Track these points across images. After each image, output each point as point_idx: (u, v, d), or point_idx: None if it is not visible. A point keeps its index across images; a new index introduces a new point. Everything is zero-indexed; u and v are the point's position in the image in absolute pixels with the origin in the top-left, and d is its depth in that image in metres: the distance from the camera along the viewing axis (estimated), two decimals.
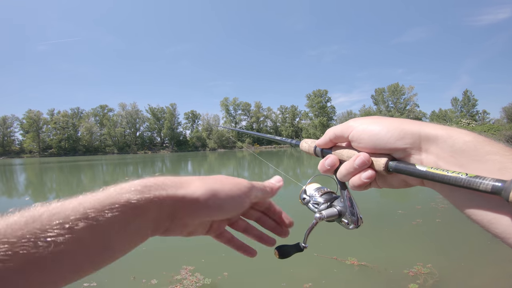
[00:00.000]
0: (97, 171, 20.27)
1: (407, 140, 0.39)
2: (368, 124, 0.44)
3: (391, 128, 0.41)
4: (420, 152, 0.39)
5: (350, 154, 0.46)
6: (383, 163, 0.41)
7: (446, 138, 0.36)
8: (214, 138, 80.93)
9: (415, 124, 0.41)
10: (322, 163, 0.50)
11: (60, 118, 75.10)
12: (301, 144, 0.61)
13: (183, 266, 3.20)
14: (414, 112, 68.10)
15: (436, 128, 0.38)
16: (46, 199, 4.62)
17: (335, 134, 0.48)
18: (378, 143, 0.42)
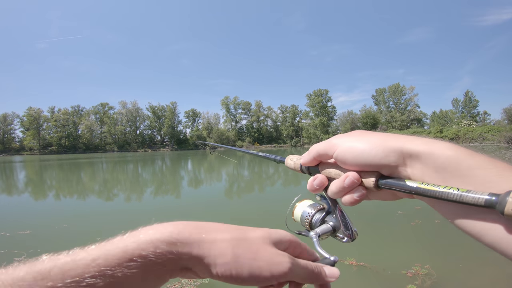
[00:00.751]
0: (97, 169, 20.29)
1: (392, 157, 0.39)
2: (351, 142, 0.44)
3: (375, 145, 0.41)
4: (406, 168, 0.39)
5: (338, 172, 0.46)
6: (373, 181, 0.41)
7: (428, 155, 0.36)
8: (214, 137, 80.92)
9: (397, 139, 0.40)
10: (311, 183, 0.49)
11: (61, 115, 75.11)
12: (286, 161, 0.60)
13: None
14: (415, 113, 68.05)
15: (418, 143, 0.38)
16: (46, 197, 4.68)
17: (319, 153, 0.48)
18: (364, 161, 0.41)
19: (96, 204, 7.62)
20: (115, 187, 10.93)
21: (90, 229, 4.85)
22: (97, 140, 80.00)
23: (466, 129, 45.89)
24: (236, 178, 12.64)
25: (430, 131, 51.39)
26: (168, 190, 9.89)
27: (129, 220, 5.64)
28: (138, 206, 7.21)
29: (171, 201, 7.76)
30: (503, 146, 15.92)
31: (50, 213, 6.44)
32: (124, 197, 8.70)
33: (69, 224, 5.22)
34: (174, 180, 12.94)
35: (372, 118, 67.19)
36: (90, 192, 9.68)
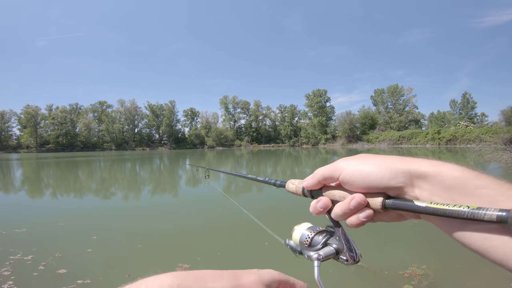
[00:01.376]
0: (95, 167, 20.21)
1: (399, 178, 0.40)
2: (357, 165, 0.44)
3: (382, 168, 0.41)
4: (413, 189, 0.39)
5: (342, 194, 0.46)
6: (380, 202, 0.41)
7: (435, 175, 0.37)
8: (212, 136, 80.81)
9: (403, 161, 0.41)
10: (314, 206, 0.48)
11: (58, 113, 74.77)
12: (287, 185, 0.59)
13: (178, 264, 3.19)
14: (413, 114, 68.27)
15: (424, 164, 0.39)
16: (42, 195, 4.65)
17: (324, 176, 0.48)
18: (371, 184, 0.42)
19: (93, 202, 7.58)
20: (112, 185, 10.89)
21: (87, 228, 4.82)
22: (94, 138, 79.70)
23: (463, 131, 46.09)
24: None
25: (428, 132, 51.56)
26: (165, 189, 9.86)
27: (127, 219, 5.62)
28: (136, 204, 7.18)
29: (169, 200, 7.73)
30: (500, 148, 15.99)
31: (46, 212, 6.39)
32: (122, 195, 8.66)
33: (65, 222, 5.18)
34: (172, 179, 12.91)
35: (371, 118, 67.25)
36: (87, 190, 9.64)
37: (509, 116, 43.72)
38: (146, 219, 5.50)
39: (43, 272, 3.09)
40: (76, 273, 3.06)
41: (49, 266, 3.22)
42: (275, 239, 3.87)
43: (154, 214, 5.94)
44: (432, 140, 48.70)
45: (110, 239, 4.29)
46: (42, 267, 3.19)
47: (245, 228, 4.69)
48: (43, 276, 3.00)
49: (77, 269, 3.17)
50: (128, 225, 5.09)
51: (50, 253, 3.57)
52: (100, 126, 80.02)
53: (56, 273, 3.06)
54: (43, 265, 3.25)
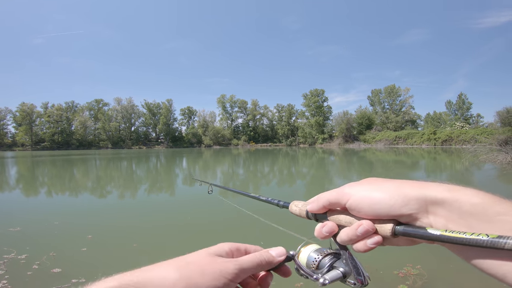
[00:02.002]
0: (90, 165, 20.08)
1: (412, 205, 0.38)
2: (367, 191, 0.42)
3: (393, 194, 0.39)
4: (427, 215, 0.38)
5: (349, 220, 0.44)
6: (389, 229, 0.39)
7: (452, 202, 0.36)
8: (209, 135, 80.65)
9: (417, 187, 0.39)
10: (319, 230, 0.47)
11: (54, 111, 74.11)
12: (290, 206, 0.57)
13: None
14: (409, 114, 68.64)
15: (441, 190, 0.37)
16: (37, 194, 4.61)
17: (330, 202, 0.46)
18: (380, 211, 0.40)
19: (89, 201, 7.53)
20: (108, 184, 10.83)
21: (82, 227, 4.79)
22: (90, 136, 79.15)
23: (459, 131, 46.46)
24: (231, 177, 12.62)
25: (424, 132, 51.91)
26: (162, 187, 9.83)
27: (122, 218, 5.59)
28: (132, 203, 7.15)
29: (165, 199, 7.71)
30: (495, 149, 16.14)
31: (41, 210, 6.34)
32: (117, 194, 8.61)
33: (60, 221, 5.14)
34: (169, 177, 12.87)
35: (367, 118, 67.53)
36: (82, 189, 9.58)
37: (504, 117, 44.17)
38: (142, 218, 5.48)
39: (37, 271, 3.06)
40: (70, 272, 3.04)
41: (43, 265, 3.20)
42: (270, 238, 3.88)
43: (150, 213, 5.92)
44: (428, 140, 49.02)
45: (106, 238, 4.26)
46: (36, 266, 3.17)
47: (241, 227, 4.69)
48: (37, 275, 2.98)
49: (72, 268, 3.15)
50: (124, 224, 5.06)
51: (45, 252, 3.55)
52: (96, 124, 79.47)
53: (51, 272, 3.03)
54: (37, 264, 3.22)
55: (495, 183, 9.09)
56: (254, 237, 4.11)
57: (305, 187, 9.50)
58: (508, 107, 45.26)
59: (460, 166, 14.45)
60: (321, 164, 18.62)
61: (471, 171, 12.48)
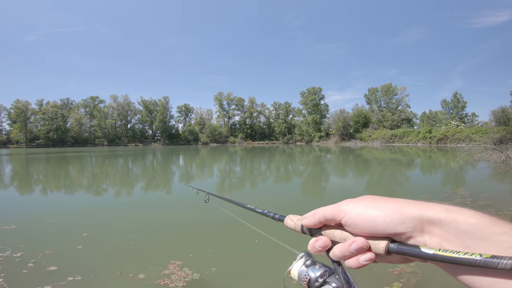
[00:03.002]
0: (86, 163, 19.95)
1: (408, 224, 0.38)
2: (363, 208, 0.42)
3: (390, 212, 0.40)
4: (422, 234, 0.38)
5: (343, 236, 0.44)
6: (383, 247, 0.39)
7: (449, 222, 0.36)
8: (206, 132, 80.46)
9: (414, 206, 0.39)
10: (313, 245, 0.47)
11: (49, 108, 73.31)
12: (285, 220, 0.58)
13: (171, 261, 3.19)
14: (405, 113, 68.96)
15: (438, 210, 0.37)
16: (32, 191, 4.59)
17: (325, 217, 0.46)
18: (376, 229, 0.40)
19: (84, 199, 7.50)
20: (104, 181, 10.77)
21: (77, 224, 4.77)
22: (86, 133, 78.49)
23: (454, 130, 46.82)
24: (228, 174, 12.62)
25: (420, 131, 52.25)
26: (158, 185, 9.80)
27: (118, 216, 5.57)
28: (127, 201, 7.13)
29: (162, 197, 7.70)
30: (489, 147, 16.31)
31: (36, 208, 6.30)
32: (113, 192, 8.58)
33: (55, 219, 5.12)
34: (165, 175, 12.84)
35: (364, 117, 67.74)
36: (78, 186, 9.52)
37: (499, 116, 44.61)
38: (138, 216, 5.47)
39: (33, 269, 3.05)
40: (66, 270, 3.03)
41: (38, 263, 3.19)
42: (264, 237, 3.90)
43: (146, 211, 5.91)
44: (423, 139, 49.34)
45: (101, 235, 4.25)
46: (31, 264, 3.15)
47: (236, 226, 4.70)
48: (32, 273, 2.97)
49: (67, 266, 3.15)
50: (120, 222, 5.05)
51: (40, 250, 3.53)
52: (92, 122, 78.82)
53: (46, 270, 3.03)
54: (32, 262, 3.21)
55: (489, 182, 9.20)
56: (248, 247, 4.12)
57: (301, 185, 9.54)
58: (503, 106, 45.80)
59: (455, 164, 14.59)
60: (317, 162, 18.68)
61: (466, 170, 12.62)
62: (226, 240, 4.07)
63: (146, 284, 2.74)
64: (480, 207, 5.37)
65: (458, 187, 7.64)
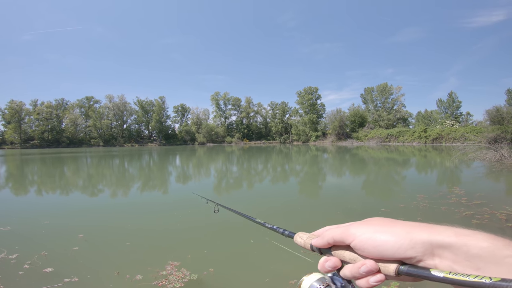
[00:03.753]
0: (81, 163, 19.80)
1: (418, 249, 0.39)
2: (372, 233, 0.43)
3: (399, 237, 0.40)
4: (433, 258, 0.38)
5: (353, 257, 0.45)
6: (393, 270, 0.40)
7: (460, 246, 0.36)
8: (203, 132, 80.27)
9: (424, 230, 0.40)
10: (323, 264, 0.48)
11: (44, 109, 72.59)
12: (295, 237, 0.59)
13: (168, 262, 3.18)
14: (401, 112, 69.46)
15: (448, 234, 0.38)
16: (27, 192, 4.54)
17: (334, 240, 0.47)
18: (385, 254, 0.41)
19: (80, 199, 7.44)
20: (100, 182, 10.70)
21: (73, 226, 4.74)
22: (81, 134, 77.84)
23: (449, 129, 47.25)
24: (225, 174, 12.61)
25: (415, 130, 52.65)
26: (155, 185, 9.76)
27: (114, 217, 5.54)
28: (124, 202, 7.09)
29: (159, 197, 7.67)
30: (484, 147, 16.50)
31: (31, 209, 6.24)
32: (109, 192, 8.53)
33: (50, 220, 5.08)
34: (162, 175, 12.79)
35: (360, 116, 68.06)
36: (73, 187, 9.45)
37: (493, 115, 45.06)
38: (134, 217, 5.44)
39: (29, 271, 3.03)
40: (63, 271, 3.01)
41: (34, 265, 3.16)
42: (260, 237, 3.90)
43: (143, 212, 5.89)
44: (419, 138, 49.74)
45: (97, 237, 4.23)
46: (27, 266, 3.13)
47: (232, 227, 4.70)
48: (29, 275, 2.94)
49: (64, 267, 3.12)
50: (116, 223, 5.03)
51: (36, 252, 3.50)
52: (87, 122, 78.20)
53: (43, 271, 3.00)
54: (28, 263, 3.18)
55: (483, 181, 9.30)
56: (245, 247, 4.12)
57: (299, 185, 9.56)
58: (497, 106, 46.27)
59: (450, 163, 14.72)
60: (314, 162, 18.74)
61: (461, 169, 12.74)
62: (223, 241, 4.06)
63: (144, 285, 2.73)
64: (475, 206, 5.44)
65: (454, 186, 7.71)
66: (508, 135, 37.74)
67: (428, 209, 5.29)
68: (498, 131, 37.91)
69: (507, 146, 16.94)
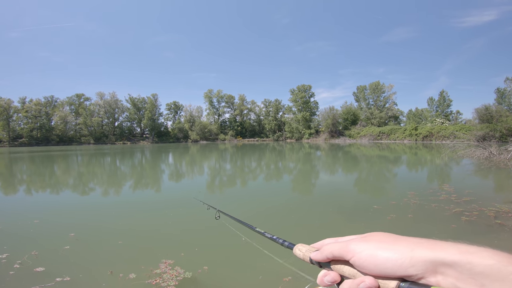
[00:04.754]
0: (72, 161, 19.49)
1: (419, 267, 0.38)
2: (372, 250, 0.42)
3: (401, 256, 0.39)
4: (435, 275, 0.38)
5: (352, 273, 0.44)
6: (392, 287, 0.39)
7: (464, 264, 0.35)
8: (196, 130, 79.85)
9: (427, 248, 0.39)
10: (321, 279, 0.48)
11: (32, 106, 71.04)
12: (294, 250, 0.59)
13: (162, 260, 3.17)
14: (393, 110, 70.35)
15: (452, 252, 0.37)
16: (16, 191, 4.46)
17: (333, 255, 0.47)
18: (386, 272, 0.40)
19: (70, 198, 7.33)
20: (90, 180, 10.56)
21: (63, 224, 4.67)
22: (71, 132, 76.52)
23: (439, 127, 48.06)
24: (218, 172, 12.58)
25: (406, 128, 53.41)
26: (147, 183, 9.68)
27: (106, 215, 5.48)
28: (115, 200, 7.02)
29: (151, 195, 7.62)
30: (473, 144, 16.86)
31: (20, 208, 6.12)
32: (101, 191, 8.42)
33: (40, 219, 5.00)
34: (154, 173, 12.68)
35: (353, 114, 68.70)
36: (64, 186, 9.30)
37: (482, 114, 45.90)
38: (126, 215, 5.40)
39: (20, 271, 2.98)
40: (54, 270, 2.97)
41: (25, 264, 3.11)
42: (255, 235, 3.92)
43: (135, 210, 5.84)
44: (409, 136, 50.49)
45: (89, 235, 4.18)
46: (18, 266, 3.08)
47: (225, 225, 4.71)
48: (19, 275, 2.90)
49: (55, 266, 3.08)
50: (108, 221, 4.98)
51: (26, 251, 3.45)
52: (78, 120, 76.90)
53: (33, 271, 2.96)
54: (18, 263, 3.13)
55: (472, 178, 9.50)
56: (238, 245, 4.13)
57: (292, 183, 9.61)
58: (486, 105, 47.18)
59: (440, 161, 14.99)
60: (307, 159, 18.85)
61: (450, 166, 12.99)
62: (217, 239, 4.07)
63: (138, 283, 2.72)
64: (465, 203, 5.56)
65: (443, 183, 7.87)
66: (497, 133, 38.59)
67: (419, 206, 5.39)
68: (487, 129, 38.72)
69: (495, 144, 17.32)
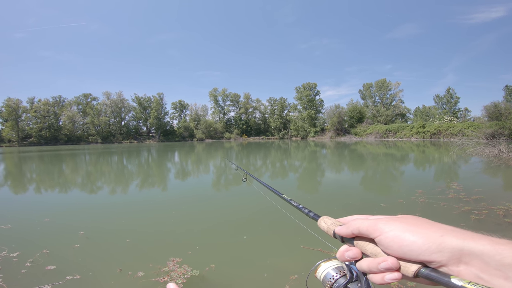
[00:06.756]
0: (80, 160, 19.75)
1: (445, 254, 0.37)
2: (400, 231, 0.41)
3: (429, 240, 0.38)
4: (458, 264, 0.37)
5: (375, 252, 0.44)
6: (413, 271, 0.39)
7: (493, 254, 0.34)
8: (202, 129, 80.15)
9: (457, 236, 0.38)
10: (343, 253, 0.47)
11: (41, 106, 72.17)
12: (319, 221, 0.58)
13: (170, 258, 3.20)
14: (399, 108, 69.52)
15: (482, 242, 0.36)
16: (26, 190, 4.54)
17: (360, 231, 0.46)
18: (409, 254, 0.39)
19: (79, 197, 7.44)
20: (99, 179, 10.69)
21: (73, 223, 4.75)
22: (79, 131, 77.52)
23: (447, 125, 47.36)
24: (224, 170, 12.62)
25: (413, 126, 52.76)
26: (154, 182, 9.76)
27: (114, 214, 5.55)
28: (123, 198, 7.10)
29: (158, 194, 7.68)
30: (482, 142, 16.57)
31: (31, 207, 6.25)
32: (109, 189, 8.53)
33: (51, 218, 5.08)
34: (161, 172, 12.78)
35: (359, 112, 68.14)
36: (72, 185, 9.44)
37: (491, 111, 45.05)
38: (134, 213, 5.45)
39: (31, 269, 3.04)
40: (64, 269, 3.02)
41: (36, 263, 3.17)
42: (252, 234, 3.92)
43: (143, 208, 5.90)
44: (417, 133, 49.88)
45: (98, 234, 4.24)
46: (29, 264, 3.14)
47: (232, 223, 4.73)
48: (31, 273, 2.96)
49: (66, 264, 3.14)
50: (116, 220, 5.04)
51: (37, 249, 3.51)
52: (85, 119, 77.86)
53: (45, 269, 3.01)
54: (30, 261, 3.20)
55: (482, 176, 9.36)
56: (244, 243, 4.15)
57: (297, 181, 9.59)
58: (495, 102, 46.29)
59: (448, 159, 14.79)
60: (313, 157, 18.77)
61: (459, 164, 12.81)
62: (224, 237, 4.09)
63: (146, 281, 2.75)
64: (474, 201, 5.48)
65: (452, 182, 7.76)
66: (506, 131, 37.86)
67: (427, 204, 5.33)
68: (496, 127, 37.99)
69: (505, 141, 17.01)
